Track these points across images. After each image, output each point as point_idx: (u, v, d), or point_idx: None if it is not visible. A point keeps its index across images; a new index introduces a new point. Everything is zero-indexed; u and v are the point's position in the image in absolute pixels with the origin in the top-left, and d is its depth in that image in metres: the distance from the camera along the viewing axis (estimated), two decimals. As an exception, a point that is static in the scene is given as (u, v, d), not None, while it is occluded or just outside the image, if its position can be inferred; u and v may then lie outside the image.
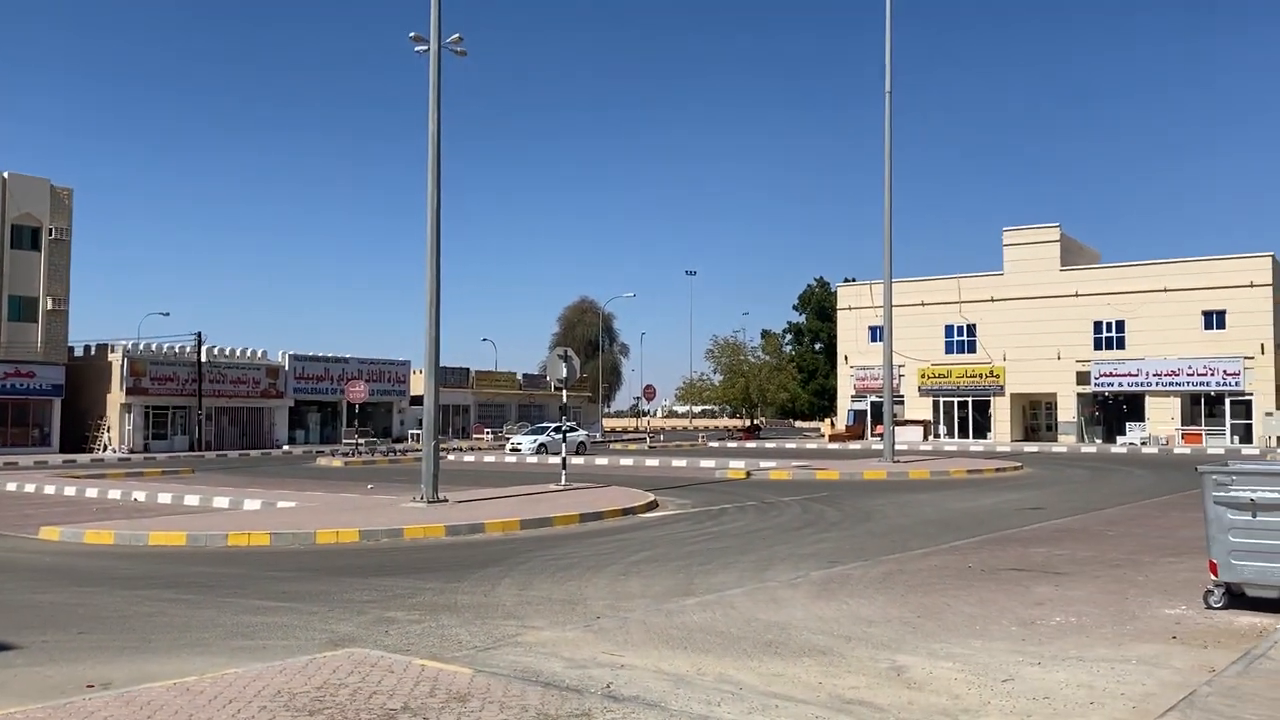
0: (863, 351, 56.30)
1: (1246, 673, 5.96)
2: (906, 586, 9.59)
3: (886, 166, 29.47)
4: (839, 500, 19.48)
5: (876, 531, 14.51)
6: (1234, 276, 47.24)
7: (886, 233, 29.81)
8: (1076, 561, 11.15)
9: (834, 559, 11.61)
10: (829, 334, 72.23)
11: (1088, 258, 55.14)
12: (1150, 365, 48.61)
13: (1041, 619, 7.99)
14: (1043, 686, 5.92)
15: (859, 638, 7.39)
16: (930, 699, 5.73)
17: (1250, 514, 8.16)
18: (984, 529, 14.47)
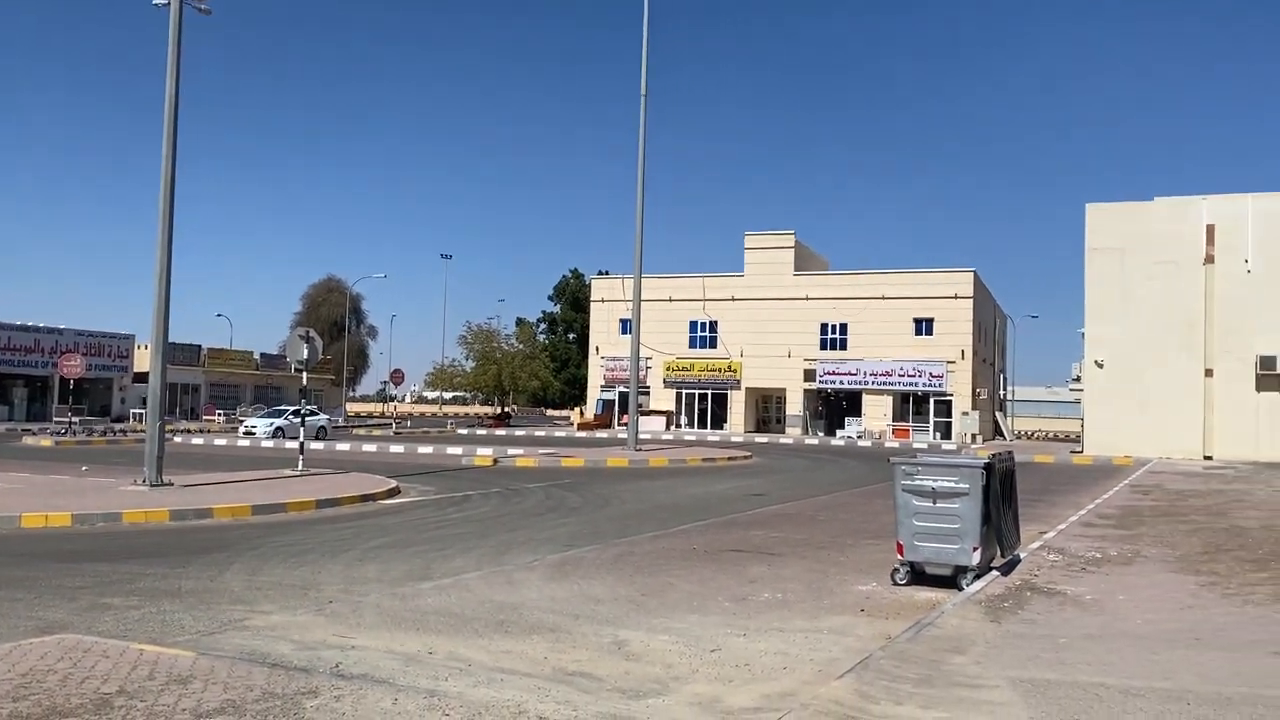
0: (613, 343, 57.76)
1: (914, 639, 6.85)
2: (635, 568, 10.17)
3: (640, 165, 30.47)
4: (581, 487, 20.07)
5: (613, 516, 15.13)
6: (941, 288, 52.15)
7: (638, 229, 30.83)
8: (789, 543, 12.17)
9: (570, 543, 12.05)
10: (582, 324, 73.53)
11: (818, 264, 59.13)
12: (868, 366, 52.82)
13: (752, 595, 8.75)
14: (745, 655, 6.56)
15: (587, 615, 7.82)
16: (646, 669, 6.21)
17: (932, 501, 9.27)
18: (711, 514, 15.43)
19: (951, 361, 51.59)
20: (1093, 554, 11.32)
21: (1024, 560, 10.59)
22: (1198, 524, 14.64)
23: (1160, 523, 14.77)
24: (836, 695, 5.44)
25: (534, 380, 66.45)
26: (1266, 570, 10.31)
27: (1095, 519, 15.19)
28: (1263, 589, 9.21)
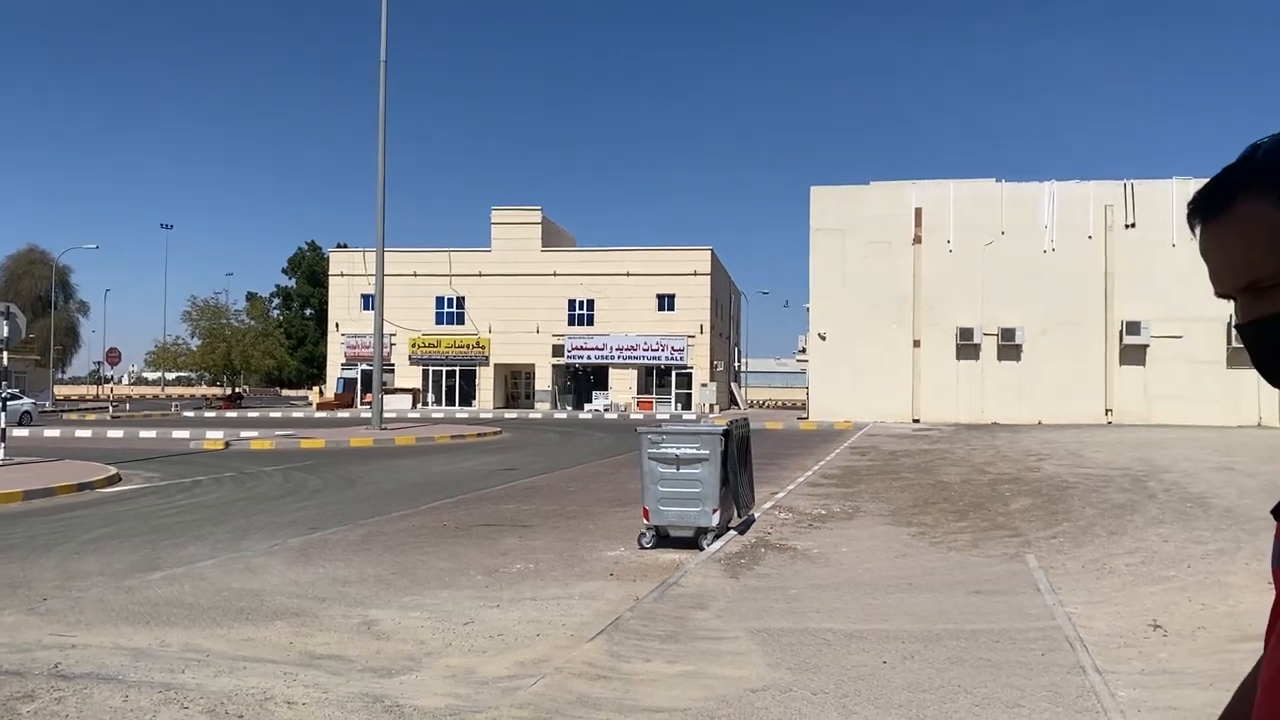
0: (355, 319, 55.84)
1: (660, 598, 7.16)
2: (384, 547, 9.97)
3: (380, 134, 29.53)
4: (323, 468, 19.36)
5: (359, 497, 14.72)
6: (682, 265, 54.10)
7: (380, 201, 29.91)
8: (540, 515, 12.32)
9: (315, 525, 11.64)
10: (320, 300, 70.51)
11: (565, 240, 59.75)
12: (614, 340, 54.04)
13: (504, 568, 8.81)
14: (499, 626, 6.62)
15: (334, 598, 7.61)
16: (397, 647, 6.14)
17: (675, 467, 9.67)
18: (461, 489, 15.35)
19: (691, 336, 53.67)
20: (819, 511, 12.20)
21: (758, 519, 11.26)
22: (909, 481, 16.08)
23: (877, 480, 16.11)
24: (589, 657, 5.61)
25: (268, 359, 63.25)
26: (966, 520, 11.50)
27: (820, 479, 16.36)
28: (963, 536, 10.28)
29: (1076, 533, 10.40)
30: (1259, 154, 1.10)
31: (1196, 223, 1.13)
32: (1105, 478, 15.92)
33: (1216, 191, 1.11)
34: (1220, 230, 1.10)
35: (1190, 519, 11.20)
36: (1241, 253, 1.08)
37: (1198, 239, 1.13)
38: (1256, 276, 1.07)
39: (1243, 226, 1.08)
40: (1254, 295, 1.09)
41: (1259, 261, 1.07)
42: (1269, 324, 1.09)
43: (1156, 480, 15.46)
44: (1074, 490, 14.23)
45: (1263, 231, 1.06)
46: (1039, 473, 16.97)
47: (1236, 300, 1.12)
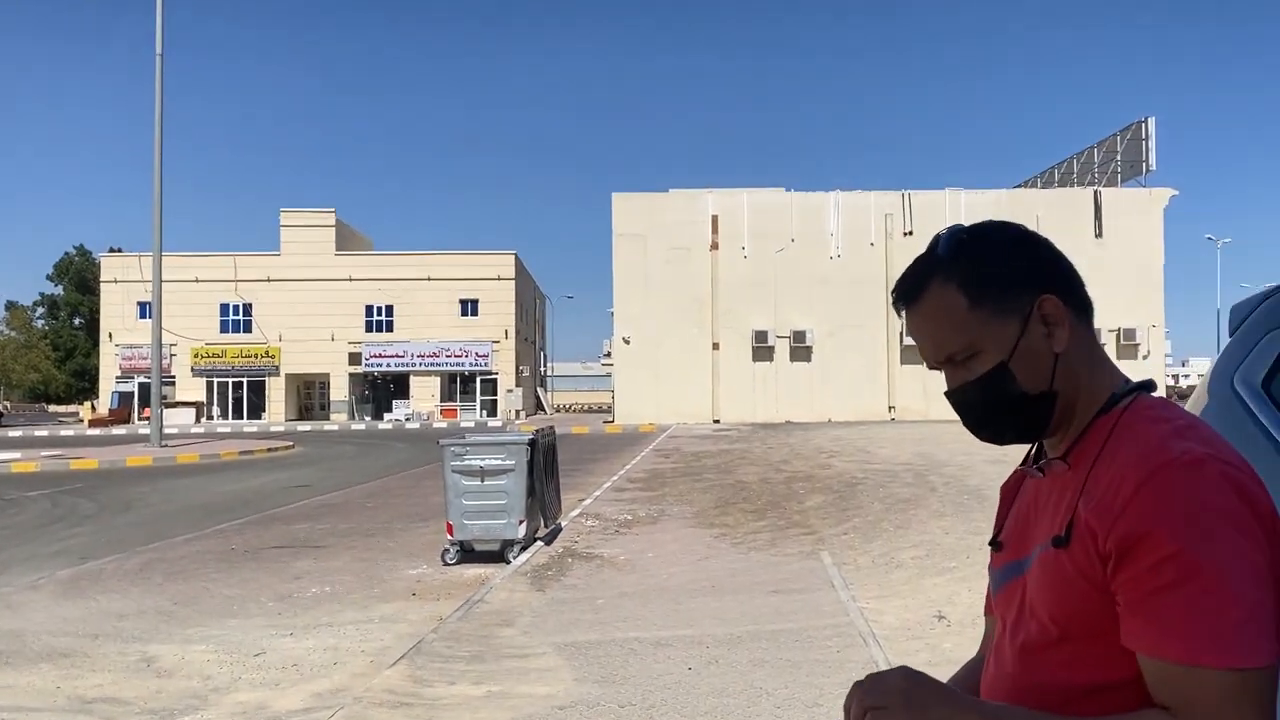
0: (130, 328, 52.15)
1: (465, 617, 6.99)
2: (165, 575, 9.31)
3: (157, 131, 27.71)
4: (97, 491, 17.94)
5: (137, 521, 13.71)
6: (485, 270, 53.52)
7: (157, 202, 28.05)
8: (337, 534, 11.83)
9: (87, 554, 10.74)
10: (92, 308, 65.46)
11: (361, 244, 57.94)
12: (415, 347, 52.84)
13: (299, 592, 8.38)
14: (293, 655, 6.27)
15: (109, 634, 7.02)
16: (181, 684, 5.71)
17: (480, 479, 9.50)
18: (251, 509, 14.55)
19: (496, 341, 53.17)
20: (625, 516, 12.29)
21: (566, 528, 11.23)
22: (710, 482, 16.47)
23: (680, 483, 16.41)
24: (389, 684, 5.40)
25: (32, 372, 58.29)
26: (764, 519, 11.86)
27: (626, 483, 16.52)
28: (762, 536, 10.59)
29: (866, 528, 10.92)
30: (939, 248, 1.26)
31: (900, 308, 1.29)
32: (891, 473, 16.83)
33: (911, 281, 1.28)
34: (917, 314, 1.26)
35: (968, 511, 11.97)
36: (934, 332, 1.25)
37: (904, 322, 1.31)
38: (951, 352, 1.24)
39: (933, 311, 1.24)
40: (952, 367, 1.26)
41: (949, 339, 1.24)
42: (964, 391, 1.25)
43: (937, 474, 16.46)
44: (863, 486, 14.95)
45: (950, 313, 1.23)
46: (830, 470, 17.75)
47: (944, 371, 1.28)
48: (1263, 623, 1.00)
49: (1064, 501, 1.18)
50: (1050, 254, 1.27)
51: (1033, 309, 1.21)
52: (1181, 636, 1.01)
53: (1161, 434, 1.11)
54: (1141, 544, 1.04)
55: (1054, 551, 1.14)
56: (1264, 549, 1.03)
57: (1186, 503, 1.03)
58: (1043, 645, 1.17)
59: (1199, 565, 1.01)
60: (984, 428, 1.27)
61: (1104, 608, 1.09)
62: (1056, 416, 1.22)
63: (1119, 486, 1.09)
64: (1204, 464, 1.05)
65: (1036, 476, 1.29)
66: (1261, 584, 1.02)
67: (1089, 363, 1.24)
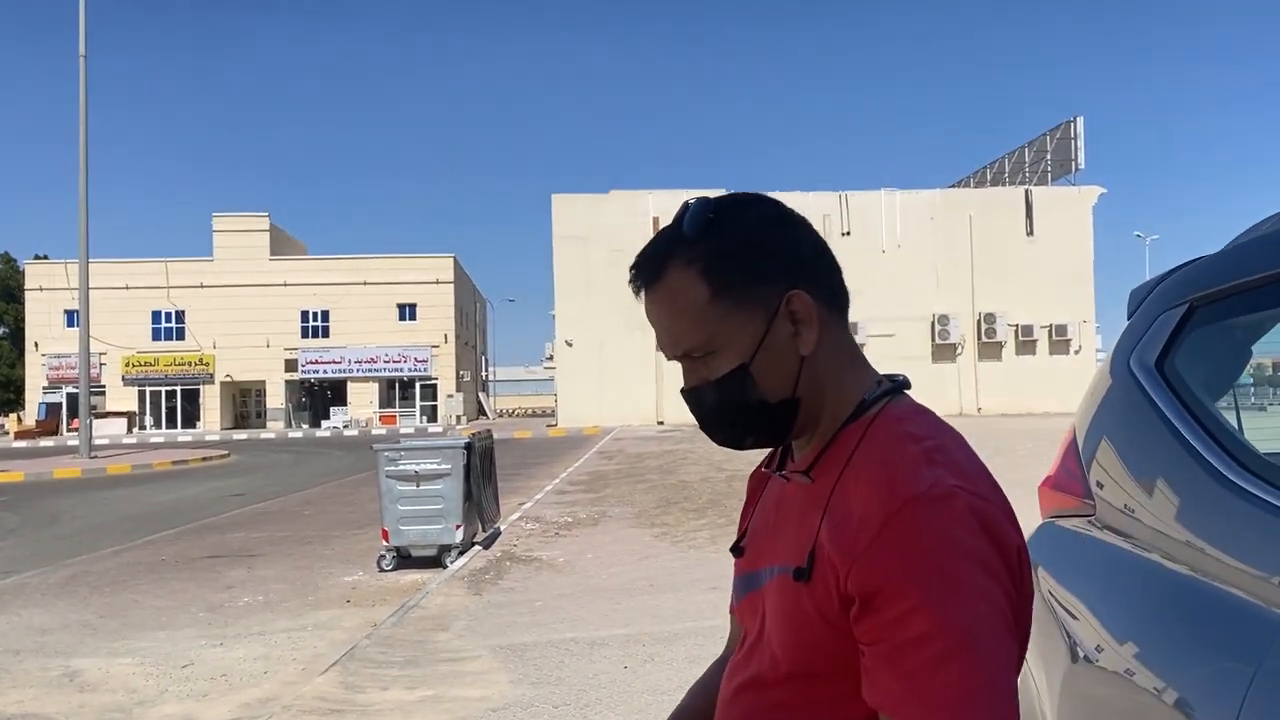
0: (57, 338, 50.82)
1: (400, 622, 6.91)
2: (91, 588, 9.07)
3: (82, 134, 27.03)
4: (22, 504, 17.43)
5: (64, 534, 13.35)
6: (424, 274, 53.05)
7: (82, 206, 27.36)
8: (272, 542, 11.62)
9: (9, 569, 10.41)
10: (16, 317, 63.58)
11: (296, 249, 57.09)
12: (352, 353, 52.20)
13: (230, 601, 8.22)
14: (222, 665, 6.14)
15: (31, 649, 6.82)
16: (105, 698, 5.57)
17: (415, 484, 9.40)
18: (184, 520, 14.24)
19: (435, 346, 52.72)
20: (565, 519, 12.25)
21: (504, 531, 11.16)
22: (653, 482, 16.49)
23: (623, 484, 16.41)
24: (320, 691, 5.31)
25: (-45, 384, 56.43)
26: (704, 517, 11.90)
27: (568, 486, 16.47)
28: (701, 534, 10.63)
29: (804, 524, 11.00)
30: (683, 224, 1.12)
31: (639, 291, 1.14)
32: (830, 470, 16.99)
33: (650, 261, 1.13)
34: (655, 300, 1.12)
35: (903, 504, 12.13)
36: (673, 323, 1.11)
37: (643, 305, 1.15)
38: (688, 347, 1.11)
39: (672, 298, 1.10)
40: (690, 362, 1.13)
41: (688, 332, 1.10)
42: (700, 392, 1.13)
43: (874, 470, 16.66)
44: (802, 483, 15.07)
45: (689, 303, 1.09)
46: (771, 468, 17.87)
47: (682, 366, 1.15)
48: (1006, 686, 0.93)
49: (806, 522, 1.07)
50: (808, 239, 1.16)
51: (780, 305, 1.09)
52: (923, 698, 0.91)
53: (911, 459, 1.00)
54: (885, 592, 0.95)
55: (792, 582, 1.04)
56: (1009, 590, 0.97)
57: (933, 543, 0.94)
58: (772, 679, 1.08)
59: (946, 619, 0.92)
60: (720, 432, 1.14)
61: (838, 648, 1.00)
62: (799, 423, 1.11)
63: (864, 519, 0.98)
64: (953, 498, 0.96)
65: (780, 480, 1.18)
66: (1008, 633, 0.96)
67: (838, 366, 1.13)
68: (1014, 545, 0.99)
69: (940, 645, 0.91)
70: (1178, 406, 1.72)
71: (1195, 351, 1.83)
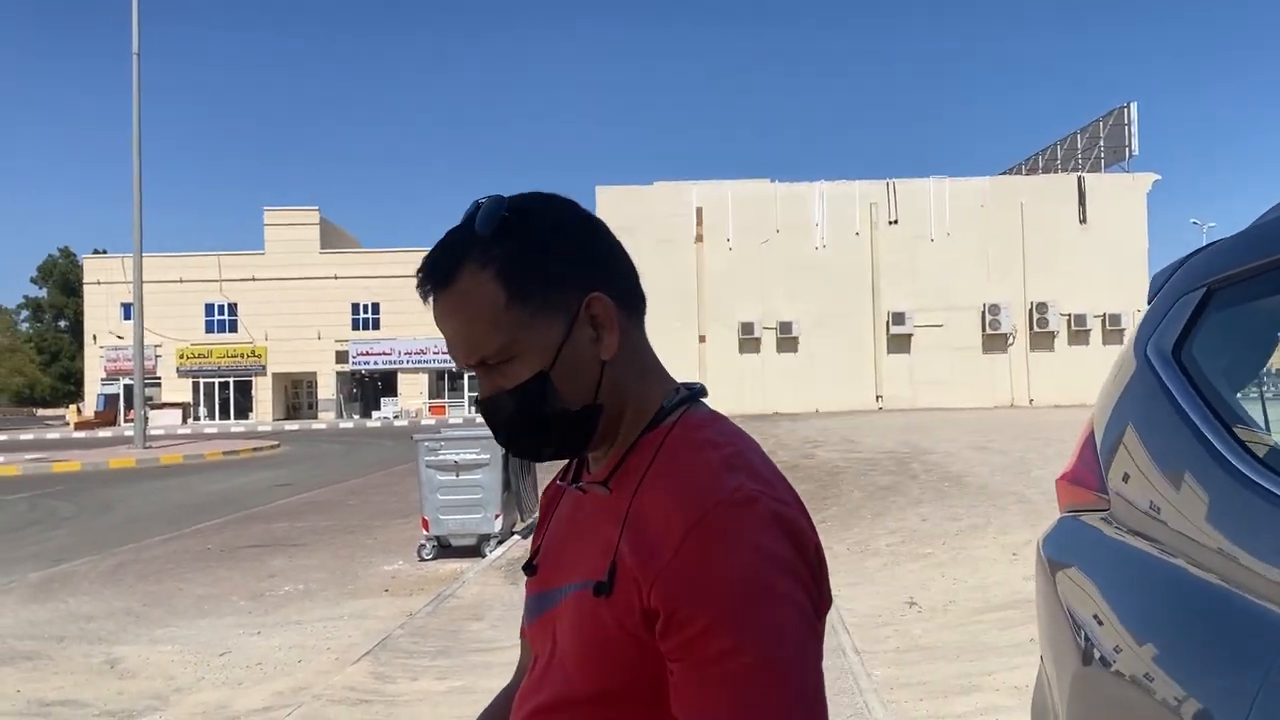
0: (115, 330, 51.92)
1: (435, 612, 6.94)
2: (138, 576, 9.24)
3: (135, 131, 27.53)
4: (77, 493, 17.84)
5: (116, 523, 13.63)
6: (471, 266, 53.37)
7: (136, 202, 27.89)
8: (316, 532, 11.76)
9: (60, 557, 10.66)
10: (76, 310, 65.17)
11: (348, 242, 57.74)
12: (402, 345, 52.71)
13: (271, 590, 8.32)
14: (258, 654, 6.21)
15: (75, 636, 6.95)
16: (143, 685, 5.66)
17: (455, 474, 9.45)
18: (231, 509, 14.47)
19: (478, 336, 53.04)
20: (605, 510, 12.23)
21: (544, 523, 11.16)
22: (693, 474, 16.40)
23: (663, 476, 16.34)
24: (351, 681, 5.34)
25: (17, 376, 57.99)
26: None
27: (609, 478, 16.43)
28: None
29: (845, 515, 10.89)
30: (477, 223, 1.06)
31: (428, 295, 1.07)
32: (873, 461, 16.81)
33: (442, 262, 1.06)
34: (446, 303, 1.06)
35: (947, 497, 11.94)
36: (467, 329, 1.05)
37: (432, 310, 1.08)
38: (484, 354, 1.05)
39: (465, 301, 1.04)
40: (485, 370, 1.07)
41: (483, 339, 1.04)
42: (497, 401, 1.07)
43: (919, 461, 16.44)
44: (844, 474, 14.93)
45: (484, 307, 1.03)
46: (814, 459, 17.73)
47: (478, 374, 1.09)
48: (816, 690, 0.93)
49: (604, 535, 1.03)
50: (606, 241, 1.13)
51: (580, 309, 1.05)
52: (732, 714, 0.90)
53: (711, 466, 0.99)
54: (689, 606, 0.92)
55: (590, 597, 0.99)
56: (812, 591, 0.97)
57: (736, 551, 0.93)
58: (566, 701, 1.03)
59: (752, 631, 0.91)
60: (518, 443, 1.10)
61: (641, 665, 0.97)
62: (600, 432, 1.08)
63: (665, 530, 0.95)
64: (755, 503, 0.95)
65: (577, 493, 1.15)
66: (813, 638, 0.95)
67: (639, 371, 1.10)
68: (813, 545, 0.99)
69: (747, 659, 0.90)
70: (1192, 396, 1.63)
71: (1214, 338, 1.74)
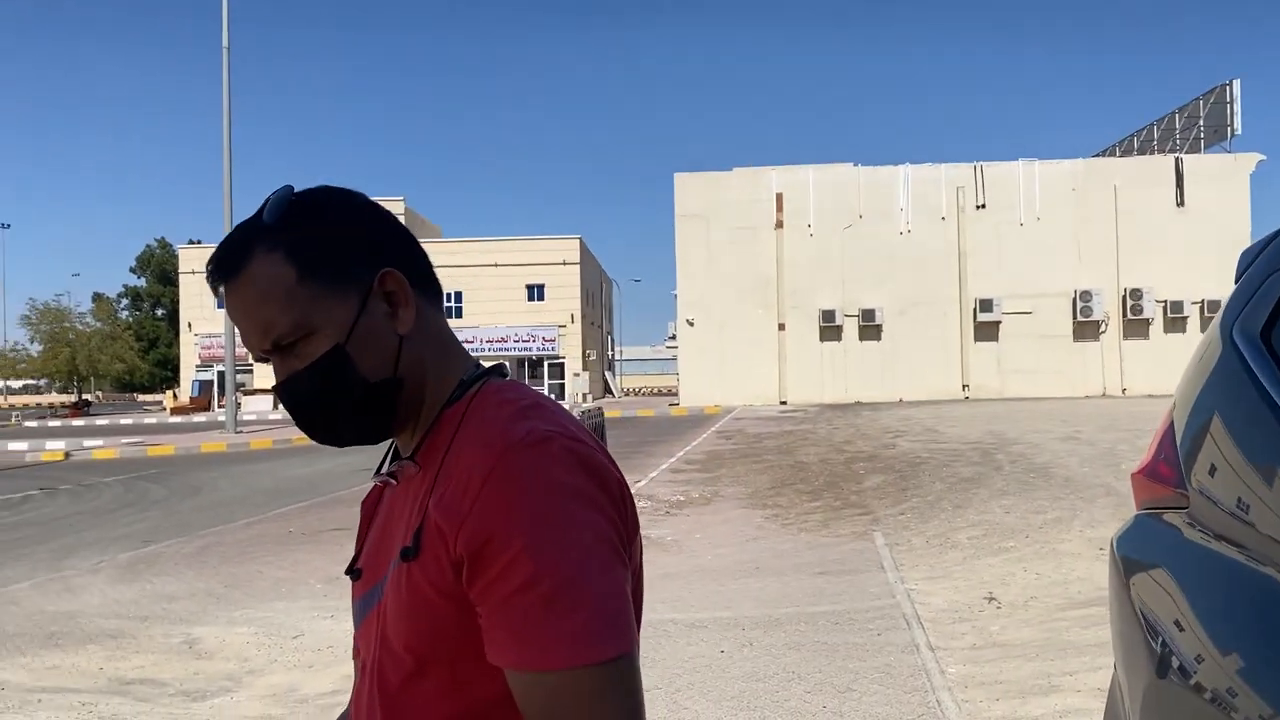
0: (209, 318, 53.45)
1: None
2: (221, 558, 9.46)
3: (225, 123, 28.27)
4: (170, 476, 18.43)
5: (203, 505, 14.02)
6: (551, 255, 53.72)
7: (226, 192, 28.64)
8: (393, 517, 11.91)
9: (149, 538, 10.99)
10: (172, 299, 67.42)
11: (431, 232, 58.59)
12: (484, 333, 53.30)
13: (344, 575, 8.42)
14: (330, 637, 6.30)
15: (158, 616, 7.14)
16: (219, 666, 5.77)
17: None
18: (315, 493, 14.78)
19: (563, 325, 53.39)
20: (677, 497, 12.17)
21: (617, 510, 11.13)
22: (770, 463, 16.25)
23: (738, 464, 16.23)
24: (417, 666, 5.36)
25: (118, 363, 60.16)
26: (819, 500, 11.64)
27: (683, 465, 16.39)
28: (814, 517, 10.38)
29: (924, 508, 10.63)
30: (265, 212, 1.07)
31: (219, 286, 1.09)
32: (956, 452, 16.42)
33: (230, 252, 1.07)
34: (238, 291, 1.06)
35: (1032, 489, 11.59)
36: (259, 311, 1.05)
37: (224, 304, 1.09)
38: (278, 334, 1.05)
39: (257, 284, 1.05)
40: (281, 355, 1.07)
41: (276, 318, 1.05)
42: (295, 381, 1.07)
43: (1004, 453, 16.01)
44: (925, 466, 14.60)
45: (275, 286, 1.04)
46: (894, 450, 17.39)
47: (272, 361, 1.10)
48: (619, 610, 0.94)
49: (414, 507, 1.04)
50: (396, 226, 1.16)
51: (374, 284, 1.08)
52: (539, 641, 0.91)
53: (506, 416, 1.02)
54: (491, 543, 0.93)
55: (403, 566, 1.01)
56: (616, 524, 0.98)
57: (533, 486, 0.94)
58: (400, 683, 1.03)
59: (553, 558, 0.91)
60: (319, 424, 1.10)
61: (463, 622, 0.98)
62: (402, 409, 1.10)
63: (467, 480, 0.97)
64: (549, 441, 0.97)
65: (392, 486, 1.15)
66: (617, 563, 0.96)
67: (438, 348, 1.13)
68: (615, 479, 1.01)
69: (548, 586, 0.91)
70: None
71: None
